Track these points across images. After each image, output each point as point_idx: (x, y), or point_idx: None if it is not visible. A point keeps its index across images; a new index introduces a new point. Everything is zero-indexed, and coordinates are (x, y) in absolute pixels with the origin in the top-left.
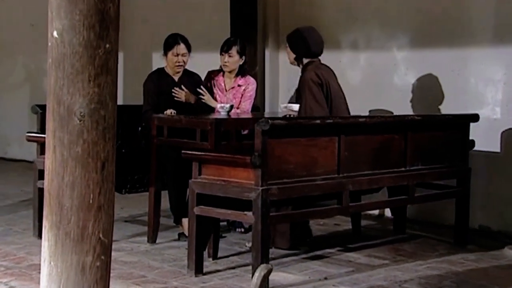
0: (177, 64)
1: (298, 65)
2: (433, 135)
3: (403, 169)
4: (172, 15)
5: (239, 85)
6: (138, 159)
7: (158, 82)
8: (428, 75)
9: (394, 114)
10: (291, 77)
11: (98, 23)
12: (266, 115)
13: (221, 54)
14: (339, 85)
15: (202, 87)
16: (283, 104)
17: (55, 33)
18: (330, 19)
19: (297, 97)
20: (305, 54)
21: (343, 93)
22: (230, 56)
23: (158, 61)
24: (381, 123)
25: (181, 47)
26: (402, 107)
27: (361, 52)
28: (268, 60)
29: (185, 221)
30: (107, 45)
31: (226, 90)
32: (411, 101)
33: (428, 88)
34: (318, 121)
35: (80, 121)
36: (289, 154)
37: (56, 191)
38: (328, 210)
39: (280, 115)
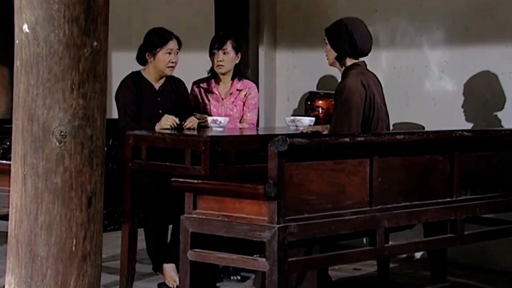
0: (171, 64)
1: (341, 67)
2: (486, 156)
3: (449, 199)
4: (137, 5)
5: (238, 90)
6: (107, 188)
7: (136, 91)
8: (471, 79)
9: (426, 129)
10: (292, 82)
11: (83, 14)
12: (261, 132)
13: (211, 53)
14: (384, 100)
15: (196, 114)
16: (288, 117)
17: (25, 27)
18: (342, 8)
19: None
20: (350, 53)
21: (387, 112)
22: (225, 54)
23: (120, 62)
24: (423, 141)
25: (175, 43)
26: (436, 120)
27: (382, 51)
28: (263, 60)
29: (167, 267)
30: (95, 43)
31: (222, 99)
32: (447, 112)
33: (470, 96)
34: (347, 139)
35: (60, 143)
36: (311, 181)
37: (27, 235)
38: (359, 253)
39: (277, 132)
